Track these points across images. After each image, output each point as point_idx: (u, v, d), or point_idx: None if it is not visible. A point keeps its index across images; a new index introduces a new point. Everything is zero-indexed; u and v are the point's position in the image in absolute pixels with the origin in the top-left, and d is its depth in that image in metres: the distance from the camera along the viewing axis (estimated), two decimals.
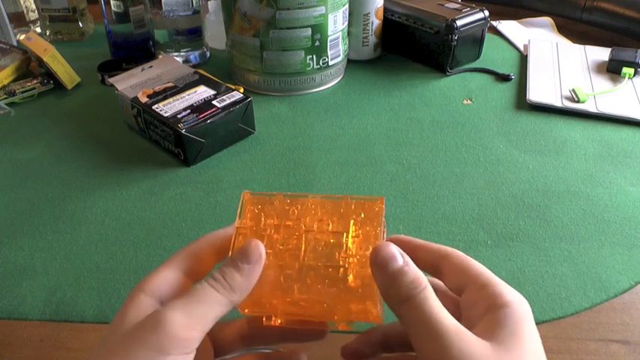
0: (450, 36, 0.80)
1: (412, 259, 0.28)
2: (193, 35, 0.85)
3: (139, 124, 0.68)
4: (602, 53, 0.85)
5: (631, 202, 0.57)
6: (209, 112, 0.64)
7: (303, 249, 0.31)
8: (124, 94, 0.68)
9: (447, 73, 0.84)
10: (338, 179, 0.62)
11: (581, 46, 0.89)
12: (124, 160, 0.66)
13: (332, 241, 0.31)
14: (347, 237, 0.31)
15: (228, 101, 0.66)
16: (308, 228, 0.31)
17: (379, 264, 0.28)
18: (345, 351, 0.34)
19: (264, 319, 0.31)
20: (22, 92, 0.78)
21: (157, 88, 0.68)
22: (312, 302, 0.30)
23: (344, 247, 0.30)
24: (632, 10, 0.90)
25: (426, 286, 0.27)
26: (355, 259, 0.30)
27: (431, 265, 0.31)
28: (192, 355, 0.26)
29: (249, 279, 0.28)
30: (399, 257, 0.28)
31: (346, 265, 0.30)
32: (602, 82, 0.78)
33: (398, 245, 0.29)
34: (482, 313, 0.27)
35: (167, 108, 0.65)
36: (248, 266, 0.28)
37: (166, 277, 0.29)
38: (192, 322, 0.26)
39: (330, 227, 0.31)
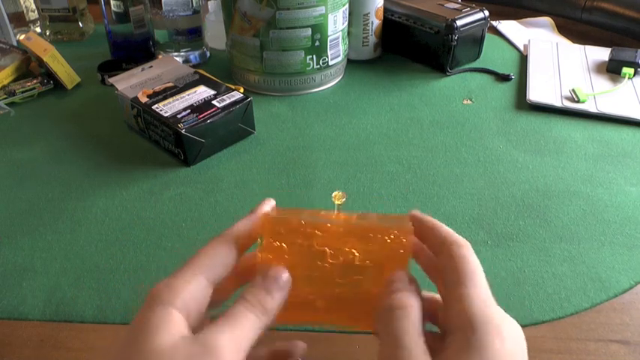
0: (450, 36, 0.80)
1: (425, 238, 0.30)
2: (193, 35, 0.85)
3: (139, 124, 0.68)
4: (602, 53, 0.85)
5: (631, 202, 0.57)
6: (209, 112, 0.64)
7: (327, 282, 0.30)
8: (124, 94, 0.68)
9: (447, 73, 0.84)
10: (338, 179, 0.62)
11: (581, 46, 0.89)
12: (124, 160, 0.66)
13: (359, 277, 0.30)
14: (373, 273, 0.30)
15: (228, 101, 0.66)
16: (333, 259, 0.30)
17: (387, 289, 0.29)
18: None
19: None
20: (22, 92, 0.78)
21: (156, 88, 0.68)
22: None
23: (370, 283, 0.30)
24: (632, 10, 0.90)
25: (410, 305, 0.27)
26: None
27: (435, 251, 0.31)
28: None
29: (278, 303, 0.28)
30: (405, 280, 0.29)
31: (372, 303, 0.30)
32: (602, 82, 0.78)
33: (415, 223, 0.31)
34: (448, 330, 0.27)
35: (167, 108, 0.65)
36: (278, 292, 0.28)
37: (196, 290, 0.27)
38: (239, 348, 0.25)
39: (357, 259, 0.30)
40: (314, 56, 0.76)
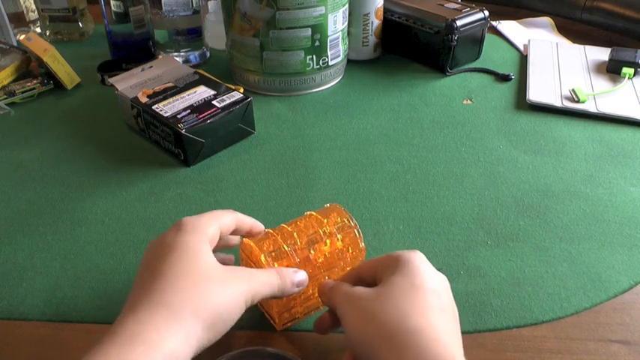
0: (450, 36, 0.80)
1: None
2: (193, 35, 0.85)
3: (138, 124, 0.68)
4: (602, 53, 0.85)
5: (631, 202, 0.57)
6: (209, 112, 0.64)
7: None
8: (124, 95, 0.68)
9: (447, 73, 0.84)
10: (338, 179, 0.62)
11: (581, 46, 0.89)
12: (124, 160, 0.66)
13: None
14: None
15: (228, 101, 0.66)
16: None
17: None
18: (316, 325, 0.42)
19: None
20: (22, 92, 0.78)
21: (156, 88, 0.68)
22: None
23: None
24: (632, 10, 0.90)
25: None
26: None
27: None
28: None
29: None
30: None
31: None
32: (602, 82, 0.78)
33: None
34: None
35: (167, 108, 0.65)
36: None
37: (213, 231, 0.39)
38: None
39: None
40: (314, 56, 0.76)
